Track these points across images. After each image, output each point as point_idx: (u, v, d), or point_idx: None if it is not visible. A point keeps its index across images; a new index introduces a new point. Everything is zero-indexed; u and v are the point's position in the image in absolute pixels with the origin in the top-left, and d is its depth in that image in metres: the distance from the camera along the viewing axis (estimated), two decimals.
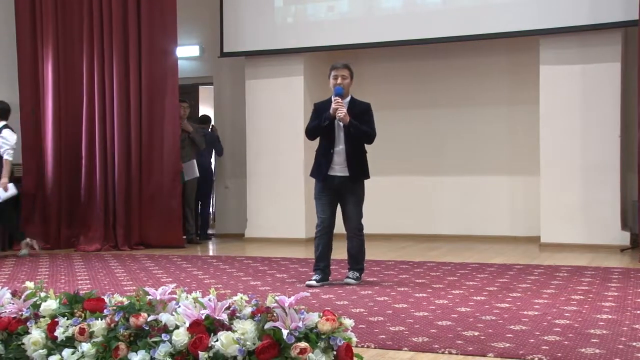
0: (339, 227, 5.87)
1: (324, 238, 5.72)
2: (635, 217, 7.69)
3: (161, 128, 8.79)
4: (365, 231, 5.84)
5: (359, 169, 5.71)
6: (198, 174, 9.32)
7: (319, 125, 5.70)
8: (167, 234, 8.77)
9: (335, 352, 2.67)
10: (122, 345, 2.84)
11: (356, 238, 5.75)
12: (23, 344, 3.06)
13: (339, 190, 5.70)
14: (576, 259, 7.15)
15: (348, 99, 5.72)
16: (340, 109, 5.54)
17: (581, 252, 7.70)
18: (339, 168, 5.68)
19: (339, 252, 6.20)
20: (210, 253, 8.58)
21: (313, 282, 5.62)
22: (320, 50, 9.24)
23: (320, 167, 5.76)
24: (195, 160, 9.29)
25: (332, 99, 5.64)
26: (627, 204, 8.27)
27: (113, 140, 8.83)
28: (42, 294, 3.26)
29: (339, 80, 5.65)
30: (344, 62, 5.79)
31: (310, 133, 5.87)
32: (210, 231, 10.45)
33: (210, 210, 10.82)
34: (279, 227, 9.31)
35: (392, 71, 9.75)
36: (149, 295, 2.98)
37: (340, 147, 5.68)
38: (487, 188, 9.32)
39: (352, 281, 5.71)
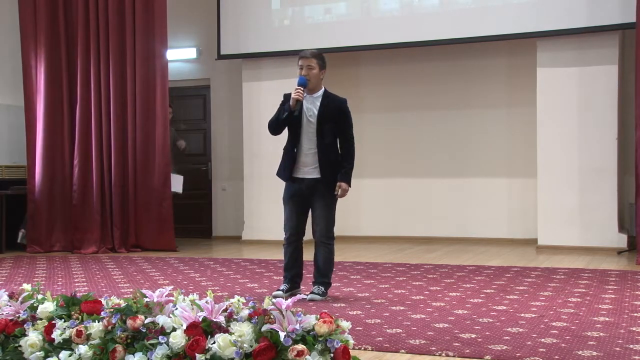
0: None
1: (291, 246, 5.23)
2: (633, 220, 7.70)
3: (153, 131, 8.78)
4: (363, 233, 5.68)
5: (332, 171, 5.10)
6: (181, 191, 9.17)
7: (278, 117, 5.17)
8: (160, 237, 8.79)
9: (332, 355, 2.67)
10: (119, 348, 2.84)
11: (324, 246, 5.17)
12: (20, 346, 3.06)
13: (309, 194, 5.15)
14: (573, 261, 7.16)
15: (321, 92, 5.19)
16: (296, 95, 5.02)
17: (578, 254, 7.71)
18: (308, 169, 5.12)
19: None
20: (207, 255, 8.57)
21: (279, 293, 5.08)
22: None
23: (285, 168, 5.19)
24: (182, 177, 9.18)
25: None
26: (624, 206, 8.28)
27: (109, 142, 8.82)
28: (40, 296, 3.26)
29: (304, 71, 5.16)
30: (312, 51, 5.32)
31: (270, 126, 5.27)
32: None
33: None
34: (275, 229, 9.25)
35: (389, 73, 9.75)
36: (146, 297, 2.98)
37: (307, 146, 5.11)
38: (485, 190, 9.33)
39: (317, 297, 5.08)
